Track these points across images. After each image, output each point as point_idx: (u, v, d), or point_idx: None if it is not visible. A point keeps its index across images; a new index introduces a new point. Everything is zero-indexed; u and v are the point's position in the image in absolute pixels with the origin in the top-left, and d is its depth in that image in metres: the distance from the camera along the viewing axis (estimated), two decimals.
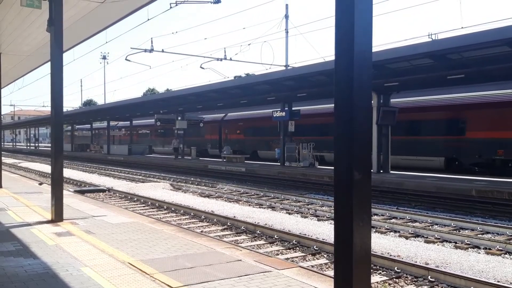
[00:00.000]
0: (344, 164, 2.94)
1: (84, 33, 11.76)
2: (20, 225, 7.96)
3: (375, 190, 16.09)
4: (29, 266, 5.41)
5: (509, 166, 18.09)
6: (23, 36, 11.73)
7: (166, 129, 40.90)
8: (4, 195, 12.30)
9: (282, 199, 15.11)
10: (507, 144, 17.76)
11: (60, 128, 8.72)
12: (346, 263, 2.91)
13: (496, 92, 18.93)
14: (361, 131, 2.91)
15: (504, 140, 17.85)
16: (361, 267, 2.90)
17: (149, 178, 23.12)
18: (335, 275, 3.08)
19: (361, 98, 2.88)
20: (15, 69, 16.86)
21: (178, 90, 31.38)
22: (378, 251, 8.09)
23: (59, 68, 8.62)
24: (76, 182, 20.89)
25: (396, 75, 17.50)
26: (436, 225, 10.66)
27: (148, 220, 9.04)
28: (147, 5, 9.58)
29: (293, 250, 8.53)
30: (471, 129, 19.17)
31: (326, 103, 26.01)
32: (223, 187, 18.45)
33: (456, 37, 14.54)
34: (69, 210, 9.71)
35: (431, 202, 14.06)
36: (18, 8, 9.10)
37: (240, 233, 9.99)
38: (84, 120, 52.23)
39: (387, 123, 20.21)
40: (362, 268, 2.91)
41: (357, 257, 2.87)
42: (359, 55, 2.84)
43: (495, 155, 17.19)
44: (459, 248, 8.55)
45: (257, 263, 5.79)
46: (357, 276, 2.88)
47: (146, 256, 6.00)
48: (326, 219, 11.50)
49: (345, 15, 2.86)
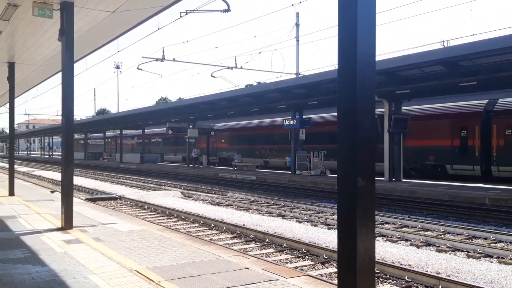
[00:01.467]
0: (348, 171, 2.91)
1: (96, 43, 11.88)
2: (30, 233, 8.02)
3: (387, 198, 15.96)
4: (37, 273, 5.44)
5: (438, 170, 20.97)
6: (36, 46, 11.90)
7: (178, 138, 41.09)
8: (16, 202, 12.43)
9: (292, 207, 15.03)
10: (437, 151, 20.92)
11: (71, 137, 8.80)
12: (349, 270, 2.87)
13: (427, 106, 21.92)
14: (364, 137, 2.88)
15: (434, 148, 21.04)
16: (365, 275, 2.86)
17: (160, 186, 23.20)
18: (338, 283, 3.04)
19: (364, 104, 2.86)
20: (29, 79, 17.09)
21: (189, 98, 31.59)
22: (389, 259, 7.98)
23: (70, 78, 8.72)
24: (88, 190, 21.05)
25: (408, 82, 17.41)
26: (448, 234, 10.50)
27: (157, 228, 9.05)
28: (157, 15, 9.66)
29: (302, 258, 8.46)
30: (409, 138, 21.23)
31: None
32: (233, 195, 18.44)
33: (468, 44, 14.43)
34: (80, 218, 9.76)
35: (444, 211, 13.87)
36: (31, 18, 9.22)
37: (250, 241, 9.94)
38: (97, 128, 52.76)
39: (399, 131, 20.07)
40: (366, 276, 2.87)
41: (361, 265, 2.83)
42: (362, 61, 2.82)
43: (427, 161, 19.52)
44: (471, 257, 8.40)
45: (264, 271, 5.75)
46: (361, 284, 2.83)
47: (154, 263, 5.99)
48: (336, 227, 11.38)
49: (348, 21, 2.85)
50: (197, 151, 33.35)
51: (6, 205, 11.82)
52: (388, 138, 19.80)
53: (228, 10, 14.59)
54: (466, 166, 19.93)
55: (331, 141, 24.28)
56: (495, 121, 19.21)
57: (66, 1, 8.39)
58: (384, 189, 16.67)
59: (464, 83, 16.14)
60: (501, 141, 18.84)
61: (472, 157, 19.76)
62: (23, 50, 12.40)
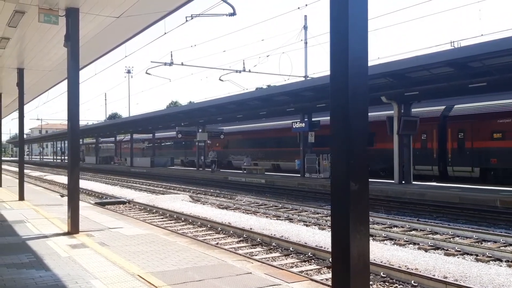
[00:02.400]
0: (340, 175, 2.87)
1: (102, 48, 11.96)
2: (36, 237, 8.08)
3: (396, 202, 15.83)
4: (40, 278, 5.46)
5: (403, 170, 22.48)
6: (44, 51, 12.02)
7: (187, 141, 41.24)
8: (25, 207, 12.54)
9: (300, 210, 14.96)
10: None
11: (77, 142, 8.85)
12: (344, 275, 2.82)
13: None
14: (357, 140, 2.84)
15: None
16: (360, 279, 2.81)
17: (169, 190, 23.27)
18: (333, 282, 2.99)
19: (356, 107, 2.81)
20: (39, 84, 17.27)
21: (198, 102, 31.71)
22: (395, 264, 7.89)
23: (76, 83, 8.78)
24: (98, 194, 21.18)
25: (417, 84, 17.27)
26: (457, 237, 10.37)
27: (162, 232, 9.06)
28: (162, 19, 9.69)
29: (308, 262, 8.40)
30: (377, 141, 23.47)
31: None
32: (242, 198, 18.42)
33: (477, 44, 14.27)
34: (86, 222, 9.81)
35: (454, 213, 13.71)
36: (38, 24, 9.32)
37: (256, 245, 9.91)
38: (108, 133, 53.16)
39: (409, 133, 19.92)
40: (361, 280, 2.81)
41: (355, 270, 2.78)
42: (354, 64, 2.78)
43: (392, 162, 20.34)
44: (480, 260, 8.28)
45: (267, 276, 5.71)
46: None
47: (157, 268, 5.98)
48: None
49: (339, 20, 2.81)
50: (213, 154, 32.77)
51: (15, 210, 11.93)
52: (398, 140, 19.66)
53: (234, 14, 14.60)
54: (425, 166, 22.03)
55: None
56: (449, 125, 21.20)
57: (71, 7, 8.45)
58: (394, 192, 16.54)
59: (473, 84, 15.96)
60: (455, 143, 20.86)
61: (430, 159, 21.74)
62: (31, 56, 12.53)
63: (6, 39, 10.86)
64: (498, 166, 19.34)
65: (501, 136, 19.08)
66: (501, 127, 19.14)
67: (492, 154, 19.28)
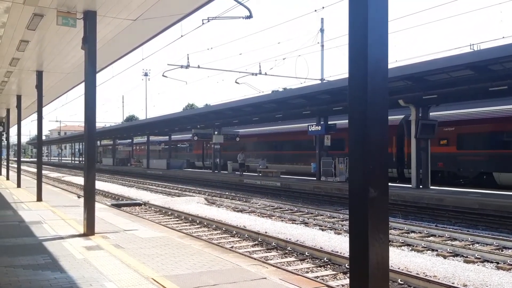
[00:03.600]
0: (359, 181, 2.78)
1: (120, 51, 12.04)
2: (52, 238, 8.13)
3: (413, 207, 15.58)
4: (55, 280, 5.47)
5: None
6: (63, 54, 12.15)
7: (205, 144, 41.33)
8: (42, 208, 12.67)
9: (316, 214, 14.83)
10: None
11: (93, 144, 8.90)
12: (362, 285, 2.73)
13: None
14: (376, 145, 2.75)
15: None
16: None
17: (185, 192, 23.32)
18: None
19: (375, 111, 2.73)
20: (57, 87, 17.49)
21: (214, 105, 31.75)
22: (413, 270, 7.74)
23: (93, 85, 8.84)
24: (114, 196, 21.33)
25: (435, 87, 17.00)
26: (477, 244, 10.14)
27: (177, 235, 9.04)
28: (178, 22, 9.70)
29: (323, 268, 8.29)
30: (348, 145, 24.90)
31: None
32: (257, 201, 18.35)
33: (498, 47, 13.98)
34: (102, 224, 9.85)
35: (473, 219, 13.43)
36: (56, 27, 9.42)
37: (271, 249, 9.83)
38: (125, 135, 53.61)
39: (427, 137, 19.61)
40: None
41: (374, 280, 2.68)
42: (373, 66, 2.69)
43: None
44: (501, 268, 8.06)
45: (282, 281, 5.63)
46: None
47: (171, 271, 5.95)
48: None
49: (358, 24, 2.73)
50: (242, 156, 31.93)
51: (33, 211, 12.06)
52: (415, 144, 19.38)
53: (250, 17, 14.58)
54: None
55: None
56: (406, 133, 22.49)
57: (88, 10, 8.51)
58: (411, 197, 16.28)
59: (494, 88, 15.63)
60: (410, 149, 21.98)
61: (390, 162, 23.59)
62: (50, 59, 12.68)
63: (26, 42, 11.00)
64: (444, 169, 21.98)
65: (446, 142, 21.67)
66: (446, 134, 21.50)
67: (439, 158, 21.42)
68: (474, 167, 20.63)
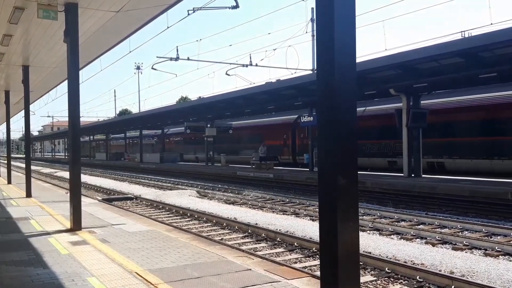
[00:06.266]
0: (326, 169, 2.72)
1: (105, 44, 11.90)
2: (38, 234, 8.06)
3: (405, 195, 15.60)
4: (37, 276, 5.41)
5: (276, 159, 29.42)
6: (47, 48, 11.99)
7: (196, 137, 41.17)
8: (31, 204, 12.58)
9: (307, 205, 14.82)
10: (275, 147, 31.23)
11: (77, 139, 8.80)
12: (332, 270, 2.68)
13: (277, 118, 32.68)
14: (343, 134, 2.69)
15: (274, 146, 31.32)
16: (348, 274, 2.66)
17: (177, 185, 23.25)
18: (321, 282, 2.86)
19: (343, 97, 2.66)
20: (45, 81, 17.31)
21: (206, 97, 31.57)
22: (401, 259, 7.73)
23: (76, 79, 8.73)
24: (106, 190, 21.24)
25: (426, 75, 16.95)
26: (466, 231, 10.16)
27: (165, 228, 8.99)
28: (163, 13, 9.59)
29: (312, 258, 8.27)
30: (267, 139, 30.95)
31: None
32: (249, 193, 18.32)
33: (487, 33, 13.90)
34: (91, 219, 9.79)
35: (463, 207, 13.46)
36: (39, 20, 9.27)
37: (260, 240, 9.80)
38: (118, 129, 53.31)
39: (418, 126, 19.59)
40: (350, 275, 2.67)
41: (344, 265, 2.63)
42: (340, 51, 2.62)
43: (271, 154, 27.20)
44: (488, 255, 8.08)
45: (267, 272, 5.60)
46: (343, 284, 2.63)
47: (155, 265, 5.91)
48: None
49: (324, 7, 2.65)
50: (264, 149, 30.96)
51: (21, 207, 11.97)
52: (407, 133, 19.37)
53: (237, 7, 14.42)
54: (285, 156, 31.18)
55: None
56: (296, 129, 29.81)
57: (70, 2, 8.38)
58: (403, 185, 16.30)
59: (484, 75, 15.62)
60: (299, 141, 29.91)
61: (288, 151, 31.07)
62: (35, 53, 12.52)
63: (9, 36, 10.84)
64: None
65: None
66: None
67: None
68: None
